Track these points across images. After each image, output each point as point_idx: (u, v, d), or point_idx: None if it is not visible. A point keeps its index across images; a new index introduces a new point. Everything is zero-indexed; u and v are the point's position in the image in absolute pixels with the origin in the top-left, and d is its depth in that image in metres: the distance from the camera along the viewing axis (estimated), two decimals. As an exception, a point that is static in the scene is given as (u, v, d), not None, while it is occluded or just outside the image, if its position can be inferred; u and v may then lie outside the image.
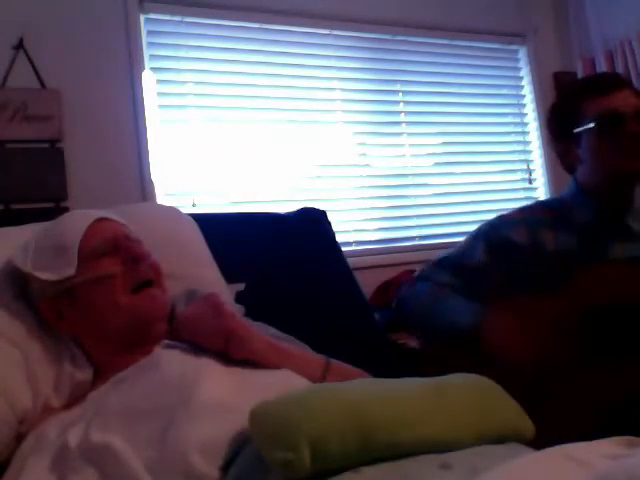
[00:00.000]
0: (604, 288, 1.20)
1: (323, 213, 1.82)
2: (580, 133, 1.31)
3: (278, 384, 0.90)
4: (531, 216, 1.37)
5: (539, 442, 0.74)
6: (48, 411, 0.96)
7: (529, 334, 1.22)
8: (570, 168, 1.39)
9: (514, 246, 1.33)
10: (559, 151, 1.39)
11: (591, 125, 1.27)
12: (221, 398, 0.86)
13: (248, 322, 1.12)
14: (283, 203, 2.24)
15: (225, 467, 0.76)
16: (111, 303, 0.99)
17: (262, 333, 1.07)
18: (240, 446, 0.78)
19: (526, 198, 2.96)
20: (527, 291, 1.27)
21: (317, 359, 1.08)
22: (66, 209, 1.95)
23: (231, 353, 0.96)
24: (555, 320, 1.20)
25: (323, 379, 1.03)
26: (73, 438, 0.83)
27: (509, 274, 1.33)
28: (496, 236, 1.37)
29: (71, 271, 0.99)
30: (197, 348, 0.97)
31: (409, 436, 0.70)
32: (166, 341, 1.02)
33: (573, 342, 1.17)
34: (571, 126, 1.32)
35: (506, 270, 1.33)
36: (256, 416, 0.73)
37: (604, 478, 0.50)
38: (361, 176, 2.60)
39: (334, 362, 1.09)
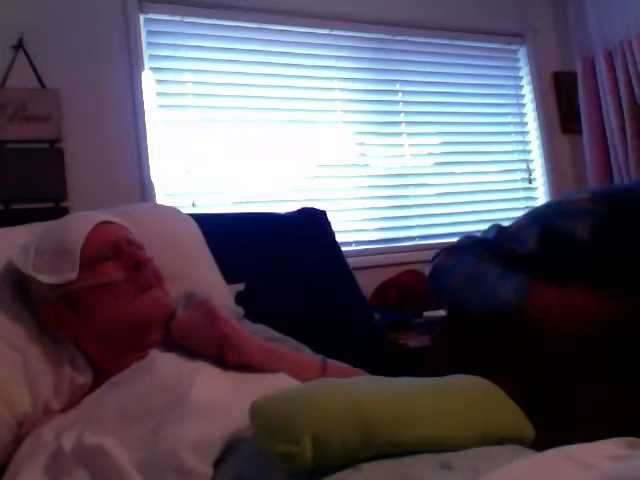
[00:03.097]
0: None
1: (323, 213, 1.82)
2: None
3: (273, 387, 0.89)
4: (600, 207, 1.17)
5: (540, 443, 0.74)
6: (47, 414, 0.96)
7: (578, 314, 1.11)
8: None
9: (573, 242, 1.15)
10: None
11: None
12: (215, 400, 0.86)
13: (246, 324, 1.13)
14: (283, 203, 2.23)
15: (217, 464, 0.77)
16: (112, 309, 0.99)
17: (261, 335, 1.07)
18: (233, 444, 0.78)
19: (526, 198, 2.96)
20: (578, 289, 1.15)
21: (314, 361, 1.08)
22: (66, 209, 1.95)
23: (226, 359, 0.96)
24: (592, 325, 1.10)
25: None
26: (67, 441, 0.83)
27: (558, 270, 1.17)
28: (555, 226, 1.19)
29: (73, 275, 0.99)
30: (192, 352, 0.98)
31: (410, 435, 0.70)
32: (162, 345, 1.02)
33: (603, 354, 1.07)
34: None
35: (556, 266, 1.18)
36: (257, 409, 0.73)
37: (609, 479, 0.51)
38: (361, 176, 2.60)
39: (331, 363, 1.08)
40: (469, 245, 1.29)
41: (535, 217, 1.25)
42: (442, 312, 1.49)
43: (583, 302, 1.12)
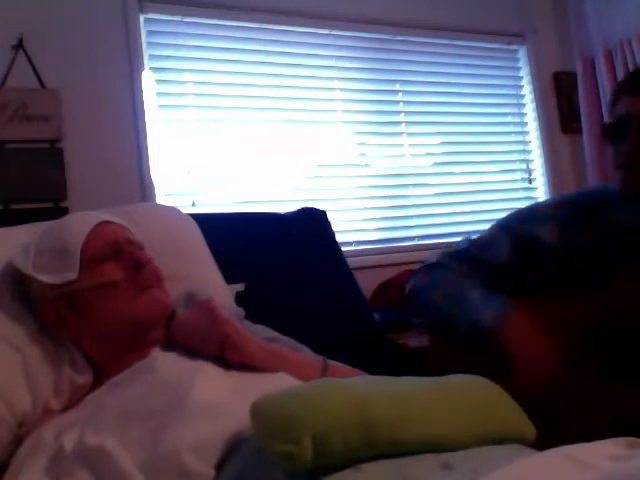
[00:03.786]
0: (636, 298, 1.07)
1: (323, 213, 1.82)
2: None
3: (273, 387, 0.90)
4: (565, 212, 1.20)
5: (540, 443, 0.74)
6: (47, 414, 0.96)
7: (551, 342, 1.12)
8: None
9: (542, 246, 1.18)
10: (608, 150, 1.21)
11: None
12: (215, 400, 0.86)
13: (246, 325, 1.13)
14: (283, 203, 2.23)
15: (219, 466, 0.77)
16: (112, 309, 0.99)
17: (261, 335, 1.07)
18: (234, 446, 0.78)
19: (526, 198, 2.96)
20: (555, 295, 1.15)
21: (314, 361, 1.08)
22: (66, 209, 1.95)
23: (227, 358, 0.96)
24: (580, 327, 1.10)
25: None
26: (68, 441, 0.83)
27: (536, 275, 1.19)
28: (523, 232, 1.21)
29: (73, 275, 0.99)
30: (193, 351, 0.98)
31: (411, 434, 0.70)
32: (162, 344, 1.02)
33: (594, 353, 1.08)
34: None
35: (533, 271, 1.19)
36: (258, 409, 0.73)
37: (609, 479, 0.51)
38: (361, 176, 2.60)
39: (332, 364, 1.09)
40: (444, 259, 1.29)
41: (502, 226, 1.27)
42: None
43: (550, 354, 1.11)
